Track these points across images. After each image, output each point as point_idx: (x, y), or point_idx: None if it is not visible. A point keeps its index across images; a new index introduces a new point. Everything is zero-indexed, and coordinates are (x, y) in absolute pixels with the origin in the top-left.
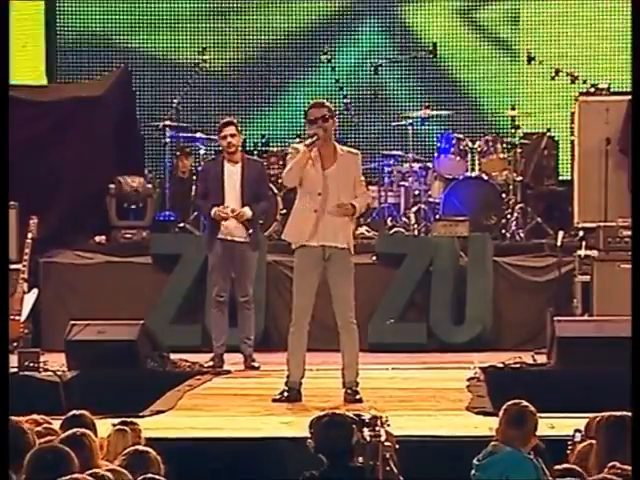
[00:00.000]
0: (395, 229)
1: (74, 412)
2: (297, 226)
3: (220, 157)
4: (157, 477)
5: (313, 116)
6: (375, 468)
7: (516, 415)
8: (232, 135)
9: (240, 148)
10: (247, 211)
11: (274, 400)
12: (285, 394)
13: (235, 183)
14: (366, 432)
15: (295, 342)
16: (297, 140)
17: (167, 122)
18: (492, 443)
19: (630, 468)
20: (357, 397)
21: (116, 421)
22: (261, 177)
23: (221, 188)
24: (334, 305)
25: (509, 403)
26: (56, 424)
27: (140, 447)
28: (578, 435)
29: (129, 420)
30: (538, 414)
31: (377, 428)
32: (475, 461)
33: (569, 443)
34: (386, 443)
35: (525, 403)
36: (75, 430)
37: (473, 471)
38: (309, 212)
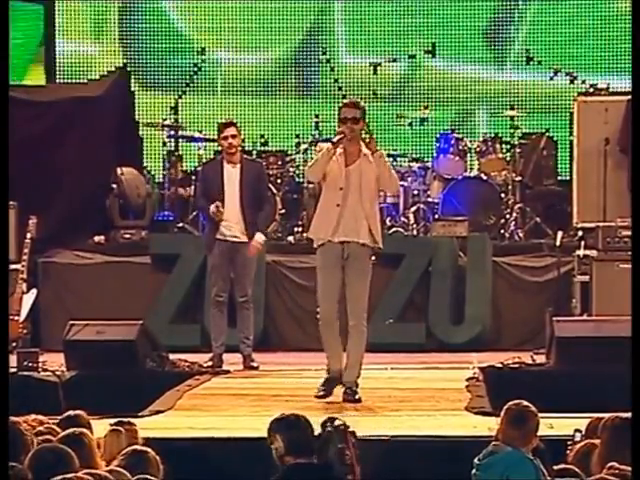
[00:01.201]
0: (394, 229)
1: (69, 412)
2: (321, 222)
3: (219, 158)
4: (151, 478)
5: (344, 115)
6: (343, 454)
7: (517, 415)
8: (233, 136)
9: (239, 149)
10: (259, 237)
11: (317, 397)
12: (322, 390)
13: (234, 184)
14: (328, 427)
15: (328, 337)
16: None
17: (166, 122)
18: (493, 443)
19: (628, 468)
20: (356, 397)
21: (114, 421)
22: (260, 178)
23: (221, 189)
24: (348, 305)
25: (510, 403)
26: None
27: (139, 447)
28: (578, 435)
29: (125, 420)
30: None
31: (336, 422)
32: (476, 461)
33: (569, 443)
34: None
35: (526, 403)
36: (74, 429)
37: (474, 470)
38: (332, 206)
